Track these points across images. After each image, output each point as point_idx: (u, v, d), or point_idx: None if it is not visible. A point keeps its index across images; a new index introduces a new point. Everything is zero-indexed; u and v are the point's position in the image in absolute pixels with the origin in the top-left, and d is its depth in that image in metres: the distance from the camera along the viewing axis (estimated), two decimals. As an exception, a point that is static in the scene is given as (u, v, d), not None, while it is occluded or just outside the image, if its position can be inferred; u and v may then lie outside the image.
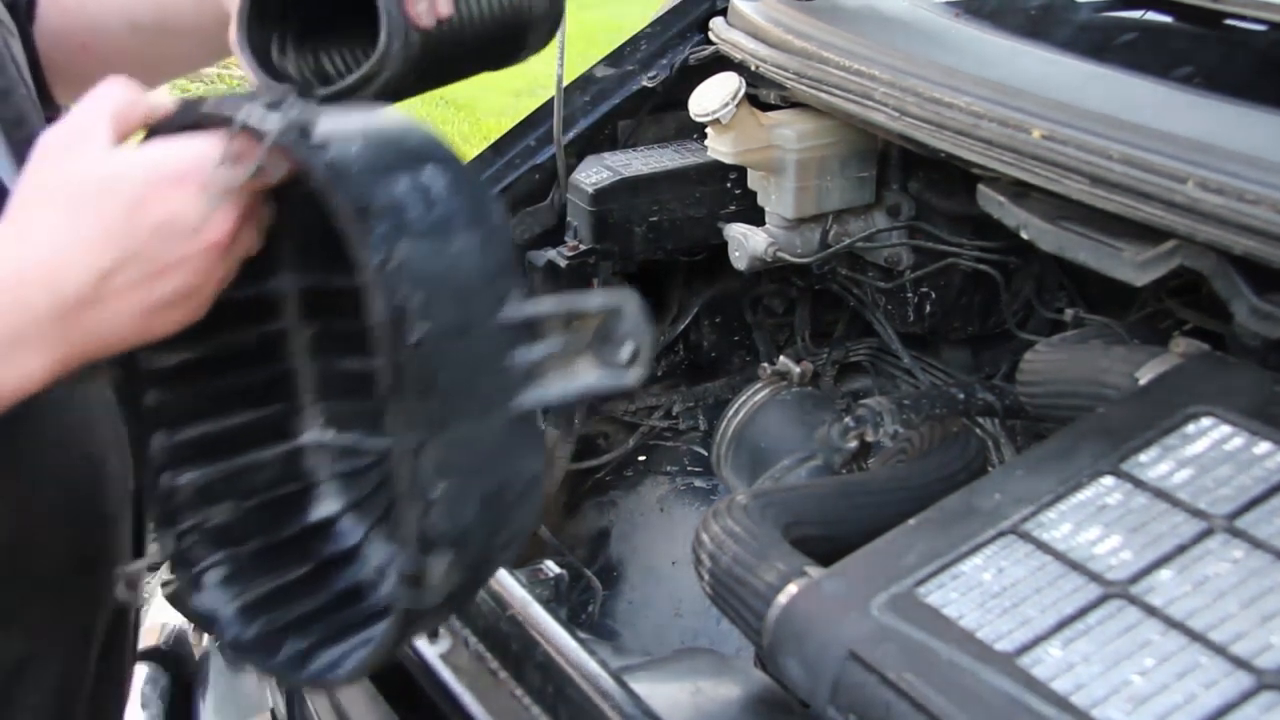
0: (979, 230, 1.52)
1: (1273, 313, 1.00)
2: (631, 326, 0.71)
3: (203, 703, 1.56)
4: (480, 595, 1.06)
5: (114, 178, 0.70)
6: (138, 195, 0.69)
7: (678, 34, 1.72)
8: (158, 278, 0.70)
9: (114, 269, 0.69)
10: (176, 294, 0.71)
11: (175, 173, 0.70)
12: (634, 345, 0.70)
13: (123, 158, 0.70)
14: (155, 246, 0.69)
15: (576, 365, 0.71)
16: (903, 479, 1.17)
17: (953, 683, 0.74)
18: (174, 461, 0.81)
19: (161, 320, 0.72)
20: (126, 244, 0.69)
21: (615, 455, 1.79)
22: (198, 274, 0.71)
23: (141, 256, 0.69)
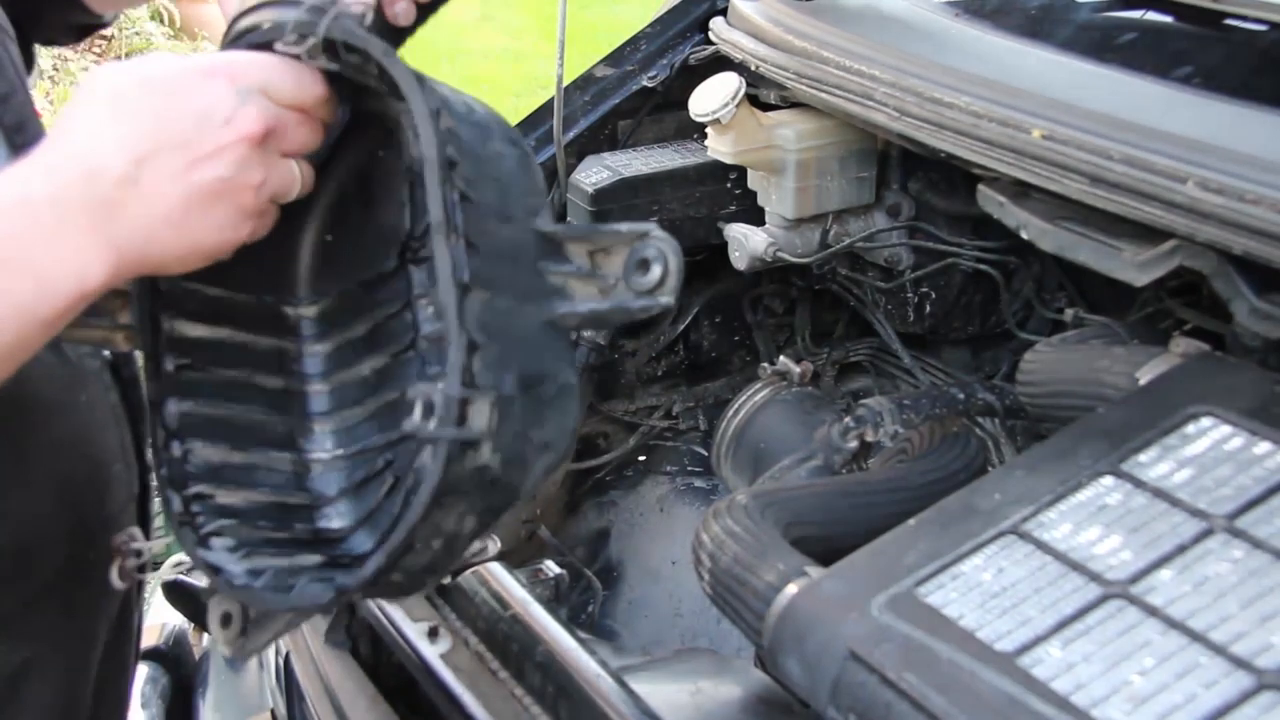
0: (979, 230, 1.52)
1: (1273, 313, 0.99)
2: (658, 251, 0.73)
3: (203, 703, 1.56)
4: (480, 595, 1.06)
5: (149, 74, 0.72)
6: (171, 86, 0.71)
7: (678, 34, 1.72)
8: (193, 165, 0.71)
9: (149, 154, 0.70)
10: (214, 185, 0.72)
11: (208, 67, 0.72)
12: (661, 269, 0.72)
13: (159, 59, 0.72)
14: (189, 133, 0.71)
15: (606, 288, 0.75)
16: (903, 479, 1.17)
17: (953, 683, 0.74)
18: (185, 431, 0.82)
19: (200, 220, 0.72)
20: (161, 131, 0.70)
21: (615, 455, 1.79)
22: (232, 165, 0.72)
23: (176, 142, 0.70)
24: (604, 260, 0.76)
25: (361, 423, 0.86)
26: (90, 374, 0.97)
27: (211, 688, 1.57)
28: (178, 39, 6.24)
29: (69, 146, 0.70)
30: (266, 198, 0.75)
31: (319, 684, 1.20)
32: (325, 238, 0.88)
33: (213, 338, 0.84)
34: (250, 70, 0.73)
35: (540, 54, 6.16)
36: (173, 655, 1.64)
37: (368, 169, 0.88)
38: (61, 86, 5.51)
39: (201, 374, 0.83)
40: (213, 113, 0.71)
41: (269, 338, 0.87)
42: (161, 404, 0.81)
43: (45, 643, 0.96)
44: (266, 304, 0.87)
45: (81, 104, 0.72)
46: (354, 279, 0.88)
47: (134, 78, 0.72)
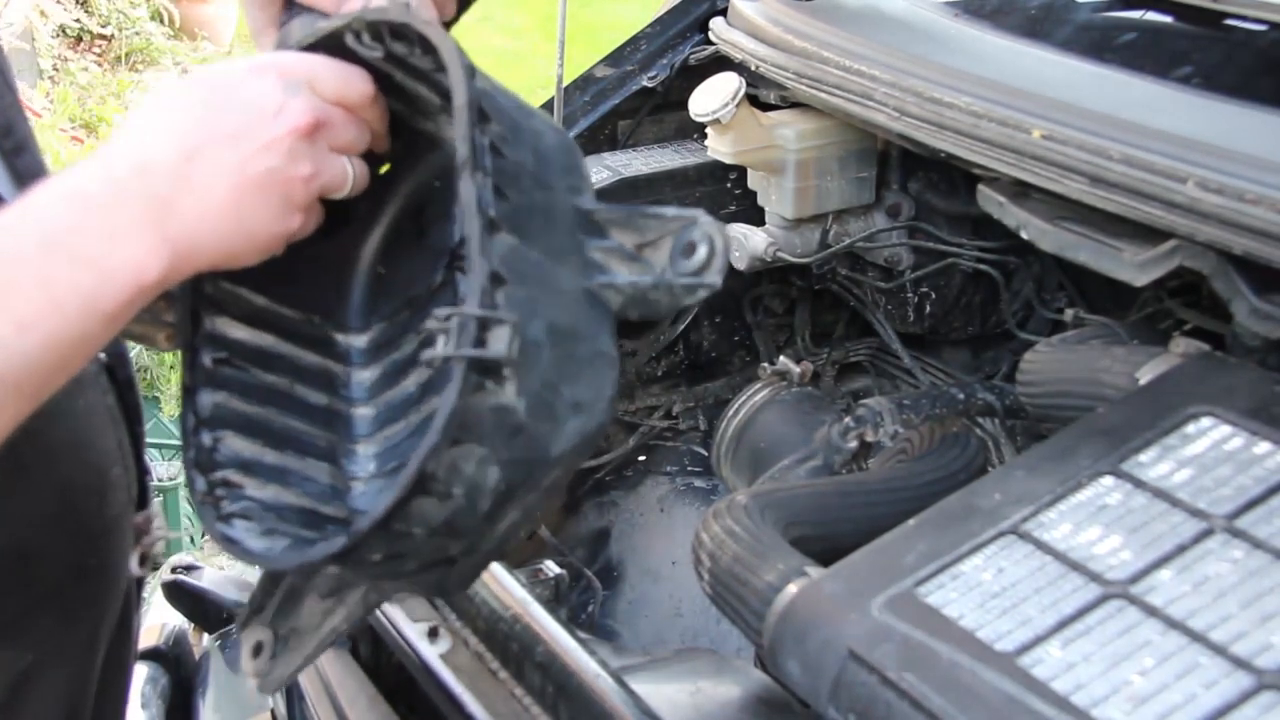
0: (979, 230, 1.52)
1: (1273, 313, 0.99)
2: (704, 234, 0.73)
3: (203, 703, 1.56)
4: (480, 595, 1.06)
5: (203, 76, 0.74)
6: (220, 82, 0.73)
7: (678, 34, 1.72)
8: (244, 157, 0.72)
9: (199, 147, 0.71)
10: (264, 177, 0.72)
11: (257, 65, 0.74)
12: (708, 250, 0.72)
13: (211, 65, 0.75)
14: (239, 125, 0.72)
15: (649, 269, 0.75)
16: (903, 479, 1.17)
17: (953, 683, 0.74)
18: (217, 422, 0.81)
19: (251, 212, 0.73)
20: (210, 124, 0.72)
21: (615, 455, 1.79)
22: (282, 156, 0.73)
23: (225, 135, 0.72)
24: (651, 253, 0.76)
25: (406, 438, 0.85)
26: (87, 377, 0.97)
27: (211, 688, 1.57)
28: (178, 39, 6.25)
29: (123, 143, 0.72)
30: (316, 191, 0.76)
31: (319, 684, 1.20)
32: (379, 270, 0.89)
33: (255, 342, 0.84)
34: (298, 66, 0.75)
35: (540, 54, 6.16)
36: (173, 655, 1.64)
37: (421, 200, 0.89)
38: (61, 86, 5.51)
39: (239, 372, 0.83)
40: (262, 105, 0.73)
41: (316, 355, 0.87)
42: (195, 392, 0.81)
43: (48, 647, 0.96)
44: (315, 324, 0.87)
45: (139, 110, 0.74)
46: (404, 300, 0.88)
47: (187, 79, 0.75)
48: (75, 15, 5.94)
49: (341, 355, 0.88)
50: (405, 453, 0.83)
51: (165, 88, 0.75)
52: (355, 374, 0.88)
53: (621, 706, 0.91)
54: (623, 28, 1.92)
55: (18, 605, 0.92)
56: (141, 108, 0.74)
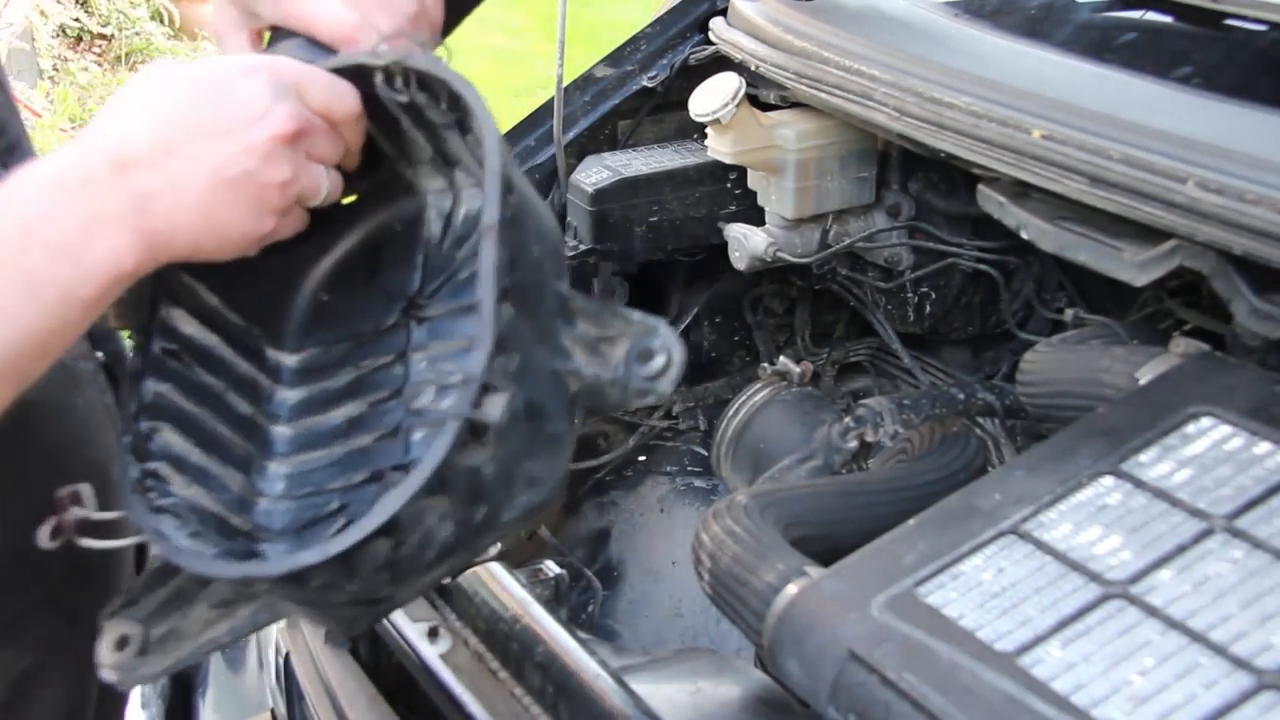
0: (979, 230, 1.52)
1: (1273, 313, 0.99)
2: (663, 344, 0.76)
3: (202, 703, 1.56)
4: (480, 595, 1.06)
5: (192, 70, 0.74)
6: (213, 80, 0.73)
7: (678, 34, 1.72)
8: (222, 157, 0.72)
9: (178, 142, 0.71)
10: (240, 178, 0.72)
11: (250, 65, 0.74)
12: (664, 360, 0.76)
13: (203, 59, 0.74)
14: (221, 124, 0.72)
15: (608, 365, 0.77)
16: (903, 479, 1.17)
17: (953, 683, 0.74)
18: (156, 412, 0.81)
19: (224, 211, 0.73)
20: (193, 120, 0.71)
21: (615, 455, 1.79)
22: (261, 162, 0.73)
23: (206, 133, 0.71)
24: (609, 349, 0.79)
25: (322, 467, 0.86)
26: (85, 376, 0.97)
27: (211, 688, 1.57)
28: (178, 39, 6.25)
29: (104, 130, 0.71)
30: (292, 197, 0.76)
31: (319, 684, 1.20)
32: (322, 297, 0.89)
33: (201, 340, 0.84)
34: (289, 71, 0.75)
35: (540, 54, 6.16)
36: (173, 655, 1.64)
37: (379, 239, 0.89)
38: (61, 86, 5.51)
39: (184, 367, 0.83)
40: (248, 106, 0.72)
41: (249, 365, 0.87)
42: (142, 377, 0.81)
43: (49, 647, 0.96)
44: (253, 335, 0.87)
45: (122, 95, 0.73)
46: (346, 333, 0.89)
47: (175, 71, 0.73)
48: (75, 15, 5.95)
49: (270, 370, 0.88)
50: (319, 482, 0.85)
51: (152, 75, 0.74)
52: (280, 392, 0.88)
53: (621, 706, 0.91)
54: (623, 28, 1.92)
55: (19, 605, 0.93)
56: (126, 93, 0.73)
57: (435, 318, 0.87)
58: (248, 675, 1.52)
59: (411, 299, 0.87)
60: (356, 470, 0.84)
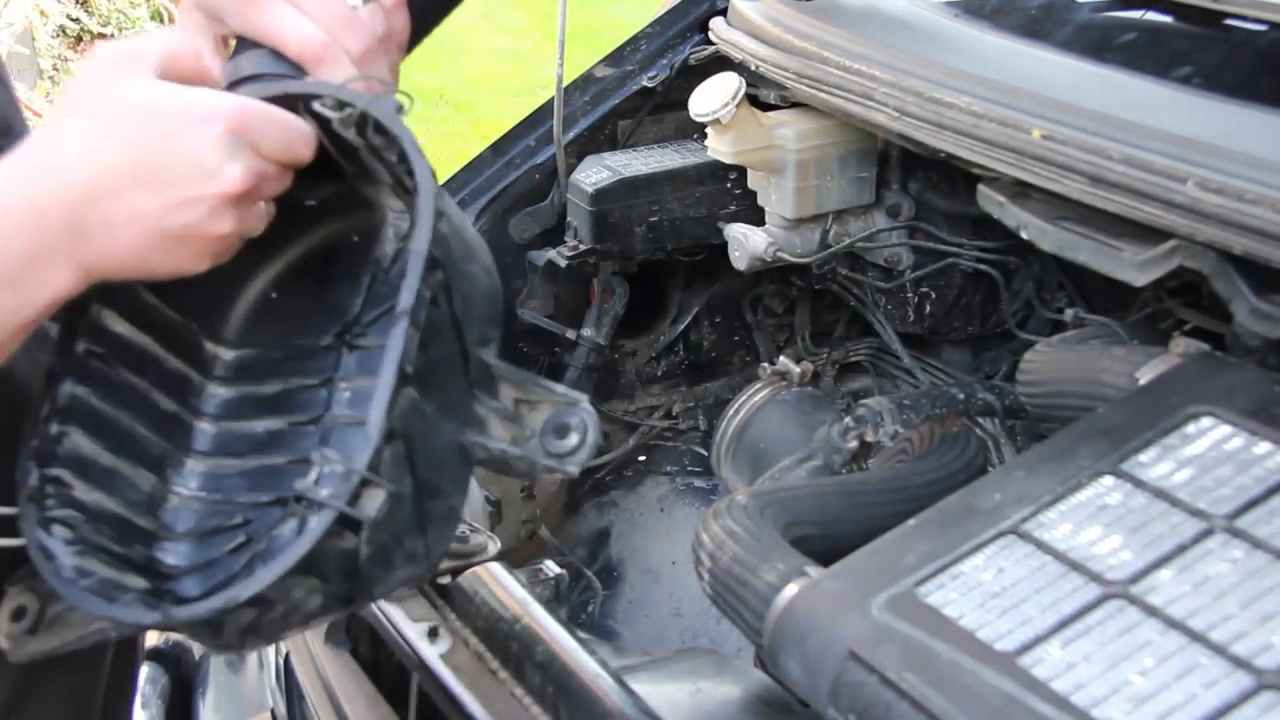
0: (979, 230, 1.52)
1: (1273, 313, 0.99)
2: (580, 422, 0.76)
3: (202, 703, 1.56)
4: (480, 595, 1.06)
5: (149, 104, 0.71)
6: (167, 126, 0.71)
7: (678, 34, 1.72)
8: (165, 209, 0.71)
9: (125, 188, 0.70)
10: (182, 231, 0.72)
11: (208, 113, 0.71)
12: (579, 439, 0.76)
13: (163, 89, 0.72)
14: (172, 177, 0.71)
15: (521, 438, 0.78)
16: (903, 479, 1.17)
17: (953, 683, 0.74)
18: (69, 415, 0.81)
19: (161, 256, 0.73)
20: (143, 168, 0.70)
21: (615, 455, 1.79)
22: (205, 217, 0.72)
23: (154, 183, 0.70)
24: (527, 413, 0.79)
25: (235, 475, 0.86)
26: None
27: (211, 688, 1.57)
28: (178, 39, 6.24)
29: (55, 156, 0.71)
30: (232, 243, 0.76)
31: (319, 684, 1.20)
32: (270, 294, 0.89)
33: (132, 340, 0.84)
34: (245, 121, 0.73)
35: (540, 54, 6.16)
36: (173, 655, 1.64)
37: (335, 247, 0.89)
38: (61, 86, 5.51)
39: (107, 368, 0.83)
40: (197, 163, 0.71)
41: (180, 361, 0.87)
42: (60, 379, 0.81)
43: None
44: (191, 329, 0.87)
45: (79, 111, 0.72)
46: (283, 341, 0.88)
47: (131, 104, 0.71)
48: (75, 15, 5.95)
49: (205, 364, 0.88)
50: (229, 490, 0.85)
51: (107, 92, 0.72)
52: (211, 387, 0.88)
53: (621, 706, 0.91)
54: (623, 28, 1.92)
55: None
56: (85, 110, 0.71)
57: (368, 349, 0.86)
58: (248, 675, 1.52)
59: (349, 324, 0.87)
60: (265, 490, 0.84)
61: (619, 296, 1.69)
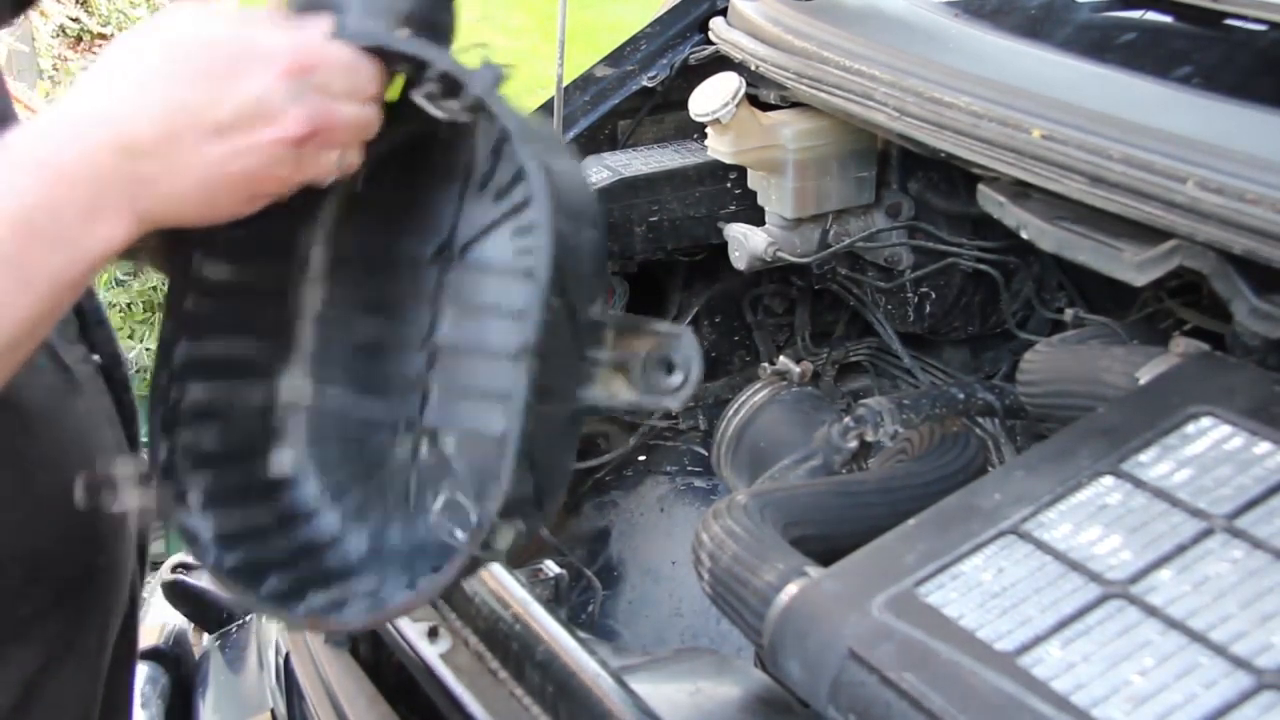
0: (979, 230, 1.52)
1: (1273, 313, 0.99)
2: (685, 359, 0.75)
3: (202, 703, 1.56)
4: (480, 595, 1.06)
5: (206, 42, 0.69)
6: (226, 64, 0.68)
7: (678, 34, 1.72)
8: (229, 155, 0.69)
9: (184, 131, 0.68)
10: (242, 174, 0.70)
11: (269, 52, 0.69)
12: (684, 374, 0.75)
13: (220, 25, 0.69)
14: (231, 120, 0.69)
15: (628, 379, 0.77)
16: (902, 479, 1.17)
17: (952, 682, 0.74)
18: (186, 373, 0.82)
19: (222, 200, 0.71)
20: (202, 110, 0.68)
21: (615, 455, 1.78)
22: (265, 160, 0.70)
23: (214, 127, 0.69)
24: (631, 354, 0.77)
25: (343, 383, 0.86)
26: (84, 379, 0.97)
27: (211, 688, 1.57)
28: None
29: (104, 107, 0.68)
30: (293, 186, 0.74)
31: (319, 684, 1.20)
32: (356, 188, 0.86)
33: (233, 279, 0.84)
34: (310, 62, 0.70)
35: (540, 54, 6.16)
36: (173, 655, 1.64)
37: (421, 143, 0.85)
38: (62, 86, 5.50)
39: (214, 313, 0.83)
40: (259, 105, 0.69)
41: (278, 267, 0.86)
42: (174, 344, 0.81)
43: (59, 647, 0.96)
44: (284, 231, 0.85)
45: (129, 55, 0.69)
46: (375, 242, 0.86)
47: (190, 40, 0.69)
48: (75, 15, 5.95)
49: (302, 259, 0.87)
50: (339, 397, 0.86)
51: (167, 39, 0.69)
52: (310, 287, 0.87)
53: (621, 706, 0.91)
54: (623, 28, 1.92)
55: (30, 606, 0.93)
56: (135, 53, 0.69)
57: (470, 270, 0.84)
58: (248, 675, 1.52)
59: (445, 243, 0.85)
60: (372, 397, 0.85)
61: (619, 296, 1.69)
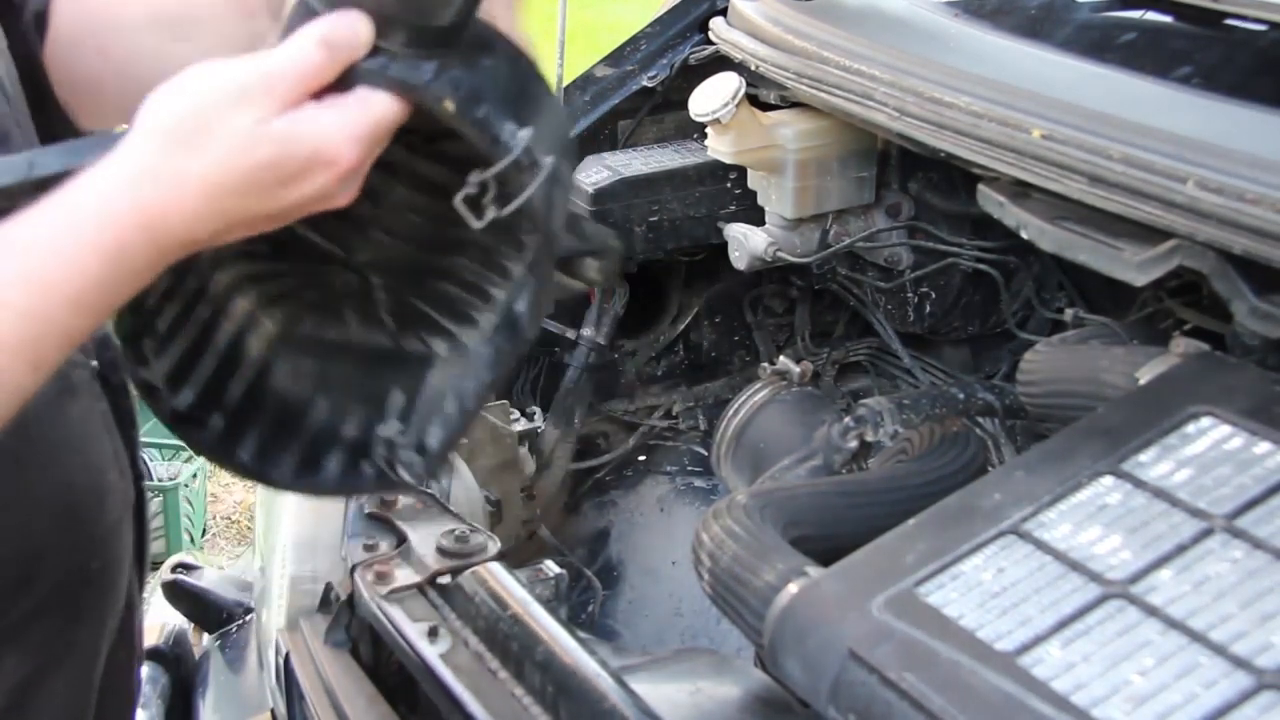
0: (979, 230, 1.52)
1: (1273, 313, 0.99)
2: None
3: (202, 703, 1.56)
4: (480, 595, 1.06)
5: (271, 159, 0.69)
6: (292, 177, 0.70)
7: (678, 34, 1.72)
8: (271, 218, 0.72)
9: (242, 227, 0.72)
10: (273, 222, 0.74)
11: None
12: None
13: (280, 136, 0.69)
14: (293, 210, 0.72)
15: None
16: (902, 479, 1.17)
17: (953, 682, 0.74)
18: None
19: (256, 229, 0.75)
20: (265, 210, 0.71)
21: (615, 455, 1.79)
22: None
23: (269, 216, 0.72)
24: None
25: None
26: (81, 384, 0.97)
27: (211, 688, 1.57)
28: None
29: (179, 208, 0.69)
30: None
31: (319, 684, 1.20)
32: None
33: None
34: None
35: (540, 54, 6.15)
36: (173, 655, 1.64)
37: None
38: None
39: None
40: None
41: None
42: None
43: (52, 651, 0.96)
44: None
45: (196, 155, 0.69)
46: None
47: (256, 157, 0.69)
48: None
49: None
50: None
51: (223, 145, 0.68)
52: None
53: (621, 706, 0.90)
54: (623, 28, 1.92)
55: (22, 609, 0.93)
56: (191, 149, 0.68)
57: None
58: (248, 675, 1.52)
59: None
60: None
61: (619, 296, 1.69)
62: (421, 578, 1.08)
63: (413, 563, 1.10)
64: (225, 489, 3.32)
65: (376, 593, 1.07)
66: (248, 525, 3.15)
